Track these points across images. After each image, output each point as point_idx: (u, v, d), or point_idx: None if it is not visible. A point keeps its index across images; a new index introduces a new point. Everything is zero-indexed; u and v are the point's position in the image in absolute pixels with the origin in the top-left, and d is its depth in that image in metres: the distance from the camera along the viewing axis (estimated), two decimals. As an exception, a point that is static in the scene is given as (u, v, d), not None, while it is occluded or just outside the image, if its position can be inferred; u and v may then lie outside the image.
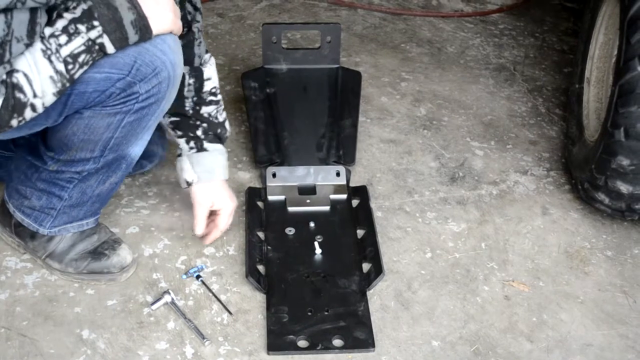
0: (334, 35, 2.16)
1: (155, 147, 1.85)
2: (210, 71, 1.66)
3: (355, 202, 1.87)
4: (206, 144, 1.68)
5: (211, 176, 1.69)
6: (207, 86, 1.66)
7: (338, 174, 1.88)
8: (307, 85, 2.17)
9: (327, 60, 2.19)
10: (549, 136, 2.18)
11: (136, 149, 1.53)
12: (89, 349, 1.48)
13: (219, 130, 1.70)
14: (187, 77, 1.63)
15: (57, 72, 1.27)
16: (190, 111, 1.66)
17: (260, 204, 1.84)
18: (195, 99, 1.65)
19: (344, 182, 1.88)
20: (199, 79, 1.65)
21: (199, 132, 1.67)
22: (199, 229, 1.70)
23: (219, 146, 1.70)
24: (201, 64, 1.65)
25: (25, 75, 1.25)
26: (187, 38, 1.61)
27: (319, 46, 2.19)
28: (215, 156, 1.69)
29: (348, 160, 1.97)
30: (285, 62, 2.19)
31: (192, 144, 1.67)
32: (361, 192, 1.89)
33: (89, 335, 1.51)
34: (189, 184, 1.68)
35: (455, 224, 1.84)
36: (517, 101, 2.33)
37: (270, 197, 1.84)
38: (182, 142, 1.68)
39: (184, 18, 1.59)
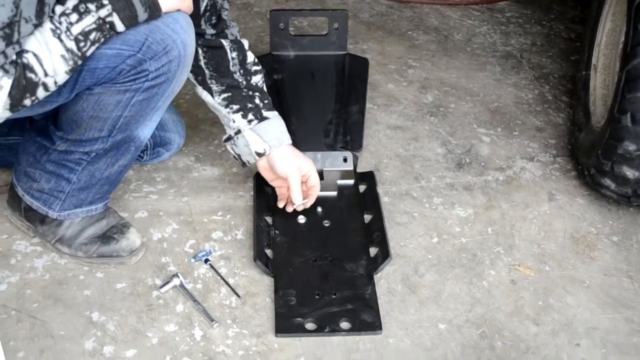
0: (342, 22, 2.17)
1: (172, 134, 1.86)
2: (247, 43, 1.67)
3: (362, 188, 1.87)
4: (265, 112, 1.67)
5: (281, 142, 1.67)
6: (250, 57, 1.67)
7: (345, 160, 1.88)
8: (315, 72, 2.17)
9: (334, 47, 2.19)
10: (556, 123, 2.18)
11: (145, 131, 1.54)
12: (98, 331, 1.49)
13: (269, 98, 1.70)
14: (228, 52, 1.63)
15: (68, 50, 1.28)
16: (244, 82, 1.65)
17: (268, 189, 1.84)
18: (242, 71, 1.65)
19: (351, 168, 1.88)
20: (242, 51, 1.66)
21: (257, 101, 1.66)
22: (300, 198, 1.69)
23: (275, 112, 1.69)
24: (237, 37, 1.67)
25: (36, 55, 1.26)
26: (219, 27, 1.63)
27: (327, 33, 2.19)
28: (278, 121, 1.69)
29: (355, 146, 1.98)
30: (293, 48, 2.19)
31: (250, 115, 1.65)
32: (368, 178, 1.90)
33: (98, 317, 1.52)
34: (260, 156, 1.67)
35: (462, 209, 1.85)
36: (523, 88, 2.32)
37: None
38: (237, 117, 1.66)
39: (213, 6, 1.62)
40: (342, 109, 2.06)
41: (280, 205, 1.76)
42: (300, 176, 1.68)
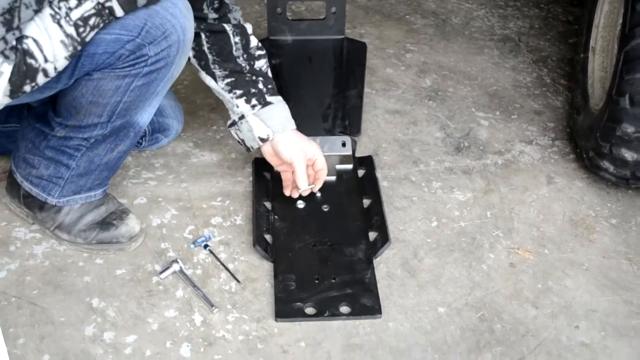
0: (339, 6, 2.16)
1: (171, 120, 1.85)
2: (250, 27, 1.66)
3: (361, 172, 1.87)
4: (269, 97, 1.66)
5: (284, 127, 1.66)
6: (253, 41, 1.66)
7: (344, 145, 1.88)
8: (313, 57, 2.17)
9: (332, 31, 2.19)
10: (554, 106, 2.17)
11: (144, 117, 1.53)
12: (99, 317, 1.50)
13: (274, 83, 1.69)
14: (231, 36, 1.62)
15: (67, 35, 1.28)
16: (247, 67, 1.64)
17: (267, 174, 1.84)
18: (245, 56, 1.64)
19: (350, 153, 1.88)
20: (245, 36, 1.64)
21: (260, 86, 1.65)
22: (305, 183, 1.68)
23: (279, 97, 1.68)
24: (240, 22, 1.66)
25: (35, 40, 1.25)
26: (222, 11, 1.62)
27: (324, 17, 2.18)
28: (282, 106, 1.68)
29: (354, 130, 1.97)
30: (290, 33, 2.18)
31: (254, 100, 1.64)
32: (367, 162, 1.89)
33: (98, 303, 1.52)
34: (263, 141, 1.66)
35: (461, 193, 1.85)
36: (522, 72, 2.32)
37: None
38: (241, 102, 1.65)
39: None
40: (341, 93, 2.06)
41: (287, 192, 1.76)
42: (305, 160, 1.68)
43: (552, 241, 1.73)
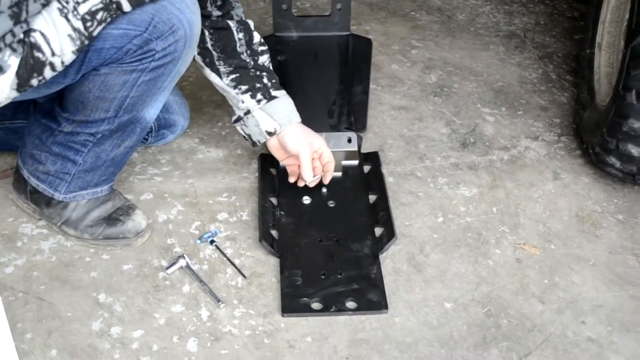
0: (344, 3, 2.16)
1: (177, 116, 1.85)
2: (252, 23, 1.68)
3: (367, 168, 1.87)
4: (273, 91, 1.67)
5: (290, 120, 1.67)
6: (256, 37, 1.67)
7: (350, 141, 1.88)
8: (318, 53, 2.17)
9: (337, 27, 2.19)
10: (560, 102, 2.17)
11: (151, 112, 1.54)
12: (105, 312, 1.50)
13: (277, 77, 1.70)
14: (235, 33, 1.63)
15: (75, 29, 1.28)
16: (251, 62, 1.65)
17: (272, 170, 1.85)
18: (249, 51, 1.65)
19: (356, 149, 1.88)
20: (248, 32, 1.65)
21: (265, 80, 1.66)
22: (310, 175, 1.69)
23: (283, 91, 1.69)
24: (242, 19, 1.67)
25: (43, 34, 1.26)
26: (225, 8, 1.64)
27: (329, 13, 2.18)
28: (287, 100, 1.69)
29: (359, 126, 1.97)
30: (296, 29, 2.19)
31: (259, 95, 1.66)
32: (373, 158, 1.89)
33: (105, 298, 1.53)
34: (270, 135, 1.67)
35: (467, 188, 1.85)
36: (527, 68, 2.32)
37: (283, 164, 1.83)
38: (246, 97, 1.66)
39: None
40: (346, 89, 2.06)
41: (291, 180, 1.77)
42: (311, 153, 1.68)
43: (558, 237, 1.72)
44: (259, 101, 1.66)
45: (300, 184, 1.76)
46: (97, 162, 1.58)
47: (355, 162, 1.86)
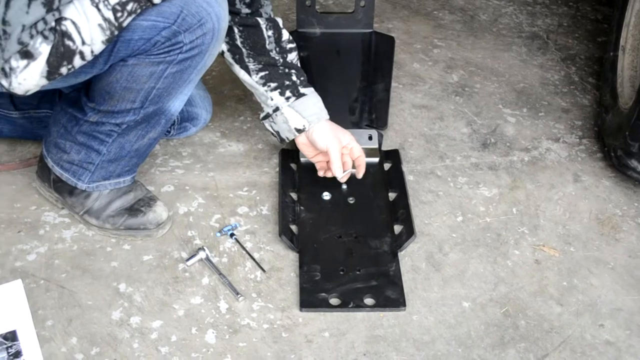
0: (368, 0, 2.15)
1: (199, 109, 1.86)
2: (281, 20, 1.68)
3: (387, 166, 1.87)
4: (302, 89, 1.67)
5: (319, 117, 1.68)
6: (285, 35, 1.67)
7: (370, 138, 1.88)
8: (341, 50, 2.17)
9: (360, 24, 2.18)
10: (582, 104, 2.16)
11: (176, 104, 1.54)
12: (125, 302, 1.51)
13: (305, 74, 1.70)
14: (264, 30, 1.64)
15: (105, 19, 1.29)
16: (280, 60, 1.66)
17: (293, 165, 1.85)
18: (277, 49, 1.66)
19: (376, 146, 1.88)
20: (277, 29, 1.66)
21: (294, 78, 1.67)
22: (340, 171, 1.69)
23: (311, 88, 1.70)
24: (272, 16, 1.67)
25: (74, 23, 1.27)
26: (254, 5, 1.64)
27: (353, 10, 2.18)
28: (316, 97, 1.69)
29: (380, 124, 1.97)
30: (319, 26, 2.19)
31: (288, 92, 1.66)
32: (393, 156, 1.89)
33: (125, 288, 1.54)
34: (299, 132, 1.68)
35: (487, 188, 1.84)
36: (550, 69, 2.31)
37: (303, 159, 1.84)
38: (275, 95, 1.66)
39: None
40: (368, 87, 2.06)
41: (321, 173, 1.76)
42: (340, 149, 1.69)
43: (577, 239, 1.72)
44: (287, 98, 1.66)
45: (328, 174, 1.74)
46: (121, 153, 1.59)
47: (376, 160, 1.87)
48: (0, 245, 1.61)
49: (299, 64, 1.71)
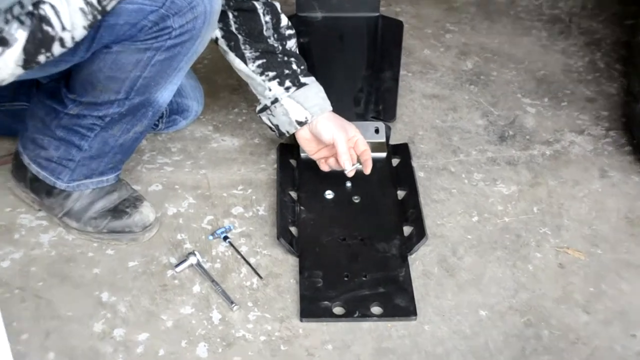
0: (374, -19, 2.15)
1: (190, 101, 1.83)
2: (278, 4, 1.64)
3: (395, 161, 1.83)
4: (303, 78, 1.63)
5: (322, 109, 1.64)
6: (284, 20, 1.63)
7: (377, 131, 1.83)
8: (344, 35, 2.15)
9: (365, 7, 2.18)
10: (608, 93, 2.10)
11: (164, 95, 1.51)
12: (108, 312, 1.47)
13: (305, 63, 1.66)
14: (261, 15, 1.60)
15: (87, 3, 1.26)
16: (279, 47, 1.62)
17: (292, 161, 1.81)
18: (276, 35, 1.62)
19: (384, 140, 1.83)
20: (275, 14, 1.62)
21: (294, 67, 1.63)
22: (350, 163, 1.64)
23: (312, 78, 1.66)
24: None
25: (53, 7, 1.24)
26: None
27: (357, -8, 2.18)
28: (317, 87, 1.65)
29: (388, 116, 1.93)
30: (321, 9, 2.17)
31: (287, 82, 1.62)
32: (402, 151, 1.85)
33: (108, 298, 1.50)
34: (301, 124, 1.63)
35: (505, 186, 1.79)
36: (572, 55, 2.26)
37: (304, 155, 1.80)
38: (274, 85, 1.62)
39: None
40: (374, 75, 2.03)
41: (324, 168, 1.72)
42: (347, 140, 1.65)
43: (605, 240, 1.66)
44: (287, 89, 1.62)
45: (331, 164, 1.70)
46: (104, 148, 1.55)
47: (383, 155, 1.82)
48: (-28, 251, 1.59)
49: (298, 52, 1.67)
